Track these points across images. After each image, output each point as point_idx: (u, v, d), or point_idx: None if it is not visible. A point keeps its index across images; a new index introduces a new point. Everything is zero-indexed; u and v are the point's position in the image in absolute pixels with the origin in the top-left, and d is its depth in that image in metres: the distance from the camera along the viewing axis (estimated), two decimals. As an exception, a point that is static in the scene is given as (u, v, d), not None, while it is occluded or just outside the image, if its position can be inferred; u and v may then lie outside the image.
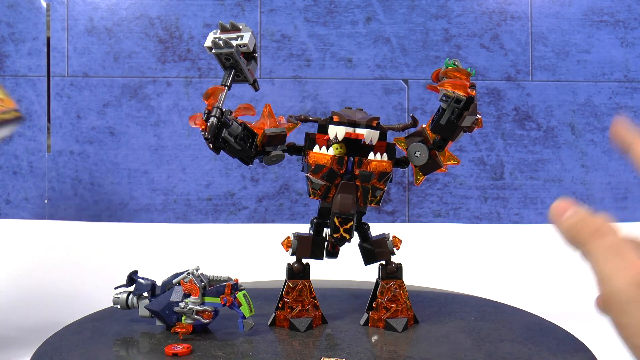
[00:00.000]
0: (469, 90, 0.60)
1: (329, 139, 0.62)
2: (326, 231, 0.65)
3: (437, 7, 1.14)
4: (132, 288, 0.67)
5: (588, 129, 1.15)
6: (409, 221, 1.14)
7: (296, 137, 0.66)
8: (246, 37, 0.64)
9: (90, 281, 0.93)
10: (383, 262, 0.67)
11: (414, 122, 0.65)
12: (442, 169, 0.65)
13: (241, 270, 0.91)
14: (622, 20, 1.15)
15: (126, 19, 1.12)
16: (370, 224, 0.68)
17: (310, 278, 0.66)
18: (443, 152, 0.64)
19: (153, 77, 1.12)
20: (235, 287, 0.61)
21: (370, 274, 0.70)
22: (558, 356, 0.57)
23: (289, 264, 0.66)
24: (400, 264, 0.67)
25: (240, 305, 0.60)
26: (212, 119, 0.60)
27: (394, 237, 0.67)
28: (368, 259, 0.67)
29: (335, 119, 0.62)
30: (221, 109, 0.61)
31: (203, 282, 0.61)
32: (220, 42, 0.63)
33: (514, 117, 1.14)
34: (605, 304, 0.34)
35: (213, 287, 0.61)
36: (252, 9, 1.13)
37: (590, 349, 0.59)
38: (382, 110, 1.13)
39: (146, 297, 0.65)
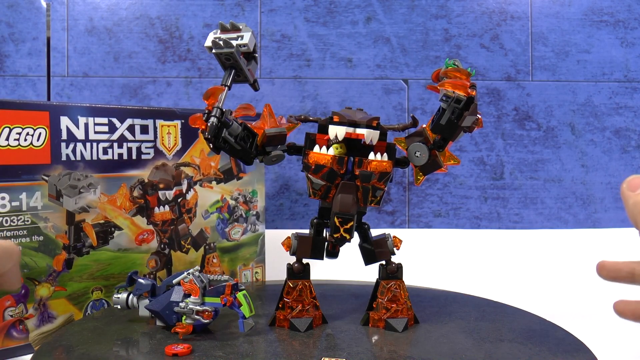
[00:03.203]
0: (469, 90, 0.60)
1: (329, 139, 0.62)
2: (326, 231, 0.65)
3: (437, 7, 1.14)
4: (132, 288, 0.67)
5: (588, 129, 1.15)
6: (409, 221, 1.14)
7: (296, 137, 0.66)
8: (246, 37, 0.64)
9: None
10: (383, 262, 0.67)
11: (414, 122, 0.65)
12: (442, 169, 0.65)
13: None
14: (622, 20, 1.15)
15: (126, 19, 1.12)
16: (370, 225, 0.68)
17: (310, 278, 0.66)
18: (443, 152, 0.64)
19: (153, 77, 1.12)
20: (235, 287, 0.61)
21: (370, 274, 0.70)
22: (558, 356, 0.57)
23: (289, 264, 0.66)
24: (400, 264, 0.67)
25: (240, 305, 0.60)
26: (212, 119, 0.60)
27: (394, 237, 0.67)
28: (368, 259, 0.67)
29: (335, 119, 0.62)
30: (221, 109, 0.61)
31: (203, 282, 0.61)
32: (220, 42, 0.63)
33: (514, 117, 1.14)
34: None
35: (213, 287, 0.61)
36: (252, 9, 1.13)
37: (590, 349, 0.59)
38: (382, 110, 1.13)
39: (146, 297, 0.65)
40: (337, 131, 0.61)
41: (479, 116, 0.61)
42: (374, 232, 0.68)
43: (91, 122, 0.72)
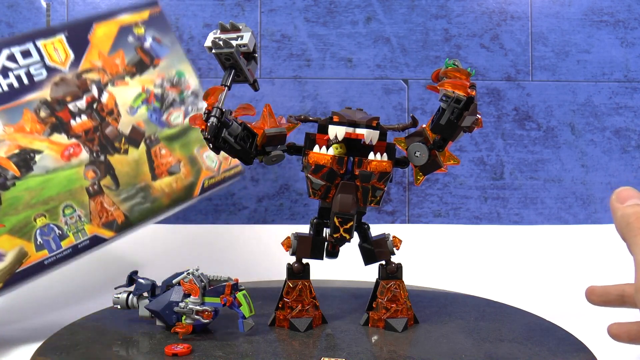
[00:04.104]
0: (469, 90, 0.60)
1: (329, 139, 0.62)
2: (326, 231, 0.66)
3: (437, 7, 1.14)
4: (132, 288, 0.67)
5: (588, 129, 1.15)
6: (409, 221, 1.14)
7: (296, 137, 0.66)
8: (246, 37, 0.64)
9: (90, 281, 0.93)
10: (383, 262, 0.67)
11: (414, 122, 0.65)
12: (442, 169, 0.65)
13: (241, 270, 0.91)
14: (622, 20, 1.15)
15: (126, 19, 1.12)
16: (370, 224, 0.68)
17: (310, 278, 0.66)
18: (443, 152, 0.64)
19: (153, 77, 1.12)
20: (235, 287, 0.61)
21: (370, 274, 0.70)
22: (558, 356, 0.57)
23: (289, 264, 0.66)
24: (400, 264, 0.67)
25: (240, 305, 0.60)
26: (212, 119, 0.61)
27: (394, 237, 0.67)
28: (368, 259, 0.68)
29: (335, 119, 0.62)
30: (221, 109, 0.61)
31: (203, 282, 0.61)
32: (220, 42, 0.63)
33: (514, 117, 1.14)
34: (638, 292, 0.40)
35: (213, 287, 0.61)
36: (252, 9, 1.13)
37: (590, 349, 0.59)
38: (382, 110, 1.13)
39: (146, 297, 0.65)
40: (337, 131, 0.62)
41: (479, 116, 0.62)
42: (374, 231, 0.68)
43: None
